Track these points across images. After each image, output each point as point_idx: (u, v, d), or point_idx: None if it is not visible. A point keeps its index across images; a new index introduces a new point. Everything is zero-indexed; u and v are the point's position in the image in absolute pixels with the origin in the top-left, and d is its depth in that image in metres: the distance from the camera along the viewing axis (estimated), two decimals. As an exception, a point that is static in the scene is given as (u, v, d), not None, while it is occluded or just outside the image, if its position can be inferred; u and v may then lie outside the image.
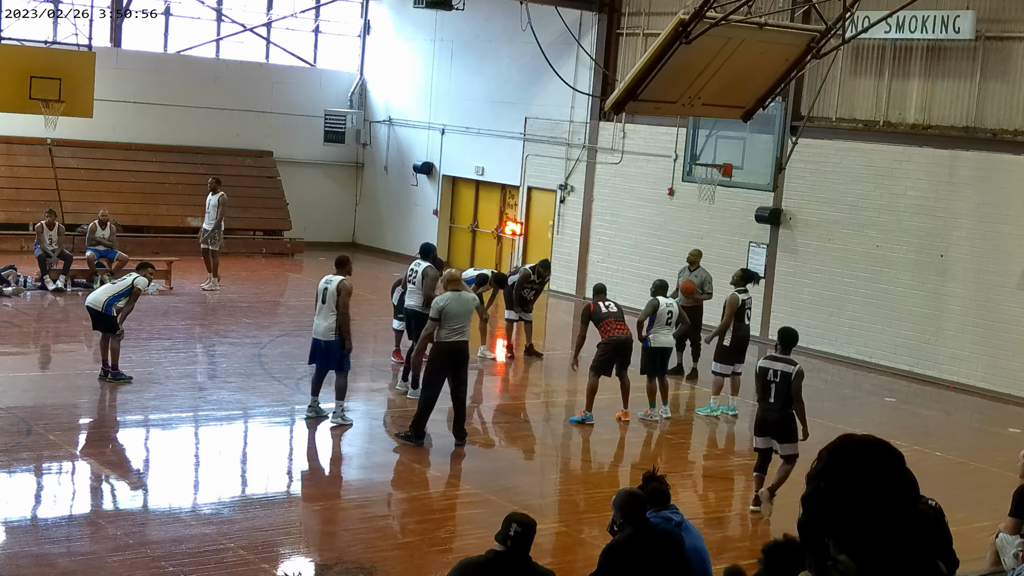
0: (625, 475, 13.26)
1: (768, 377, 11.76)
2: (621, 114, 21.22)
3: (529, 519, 6.98)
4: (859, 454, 2.80)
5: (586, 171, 24.48)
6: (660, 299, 15.36)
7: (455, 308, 13.11)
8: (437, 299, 13.30)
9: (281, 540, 10.61)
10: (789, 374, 11.69)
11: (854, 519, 2.72)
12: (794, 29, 12.95)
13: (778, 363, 11.81)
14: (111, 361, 15.06)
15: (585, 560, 10.02)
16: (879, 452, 2.80)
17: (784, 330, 12.29)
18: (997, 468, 13.74)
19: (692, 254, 18.15)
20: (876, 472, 2.76)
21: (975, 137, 18.65)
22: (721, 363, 15.75)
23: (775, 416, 11.76)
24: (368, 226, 30.03)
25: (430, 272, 15.60)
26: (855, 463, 2.77)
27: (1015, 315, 18.09)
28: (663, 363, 15.47)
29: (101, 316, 14.98)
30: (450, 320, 13.07)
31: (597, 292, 15.53)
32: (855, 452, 2.80)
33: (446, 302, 13.09)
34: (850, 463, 2.78)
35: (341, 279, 13.65)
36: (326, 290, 13.61)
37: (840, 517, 2.73)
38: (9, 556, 9.61)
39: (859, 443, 2.82)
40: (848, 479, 2.74)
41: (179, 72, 27.60)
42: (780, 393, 11.69)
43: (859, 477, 2.74)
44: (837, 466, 2.78)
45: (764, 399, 11.88)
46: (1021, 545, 9.17)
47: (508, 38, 24.97)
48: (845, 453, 2.80)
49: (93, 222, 22.15)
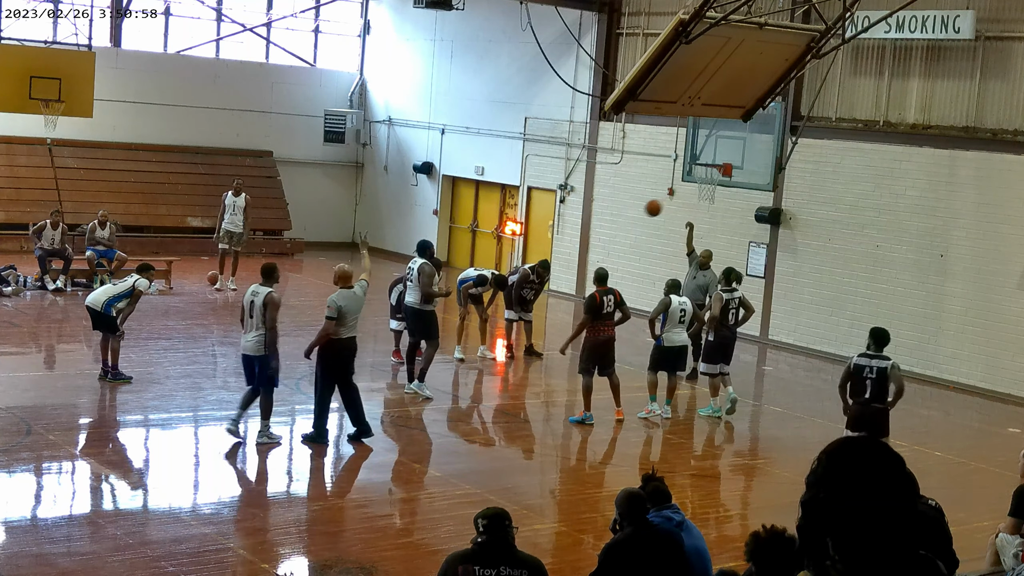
0: (626, 475, 13.25)
1: (864, 373, 12.40)
2: (621, 114, 21.22)
3: (493, 509, 7.08)
4: (857, 456, 2.80)
5: (586, 171, 24.48)
6: (673, 298, 15.39)
7: (348, 305, 13.04)
8: (333, 298, 13.09)
9: (281, 540, 10.62)
10: (885, 368, 12.40)
11: (853, 520, 2.72)
12: (794, 29, 12.95)
13: (874, 360, 12.46)
14: (111, 361, 15.07)
15: (585, 560, 10.03)
16: (877, 453, 2.80)
17: (876, 329, 12.85)
18: (997, 468, 13.74)
19: (703, 255, 17.83)
20: (874, 473, 2.76)
21: (975, 137, 18.65)
22: (707, 363, 15.77)
23: (872, 410, 12.40)
24: (368, 226, 29.98)
25: (426, 269, 15.53)
26: (853, 465, 2.77)
27: (1015, 315, 18.08)
28: (676, 361, 15.48)
29: (101, 316, 14.98)
30: (345, 317, 13.00)
31: (599, 279, 15.27)
32: (853, 454, 2.80)
33: (342, 301, 13.03)
34: (848, 465, 2.77)
35: (268, 291, 12.82)
36: (252, 303, 12.89)
37: (840, 519, 2.73)
38: (9, 556, 9.61)
39: (857, 445, 2.82)
40: (847, 481, 2.74)
41: (179, 72, 27.60)
42: (875, 388, 12.41)
43: (857, 479, 2.74)
44: (836, 469, 2.77)
45: (859, 395, 12.49)
46: (1021, 545, 9.17)
47: (508, 38, 24.97)
48: (843, 455, 2.80)
49: (93, 222, 22.15)
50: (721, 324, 15.69)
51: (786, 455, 14.44)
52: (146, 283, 15.28)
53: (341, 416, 14.87)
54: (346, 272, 13.34)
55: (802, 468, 2.90)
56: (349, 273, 13.34)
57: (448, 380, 16.90)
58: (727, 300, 15.72)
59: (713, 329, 15.71)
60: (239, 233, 22.75)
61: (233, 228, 22.70)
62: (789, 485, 11.75)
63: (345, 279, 13.23)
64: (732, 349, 15.96)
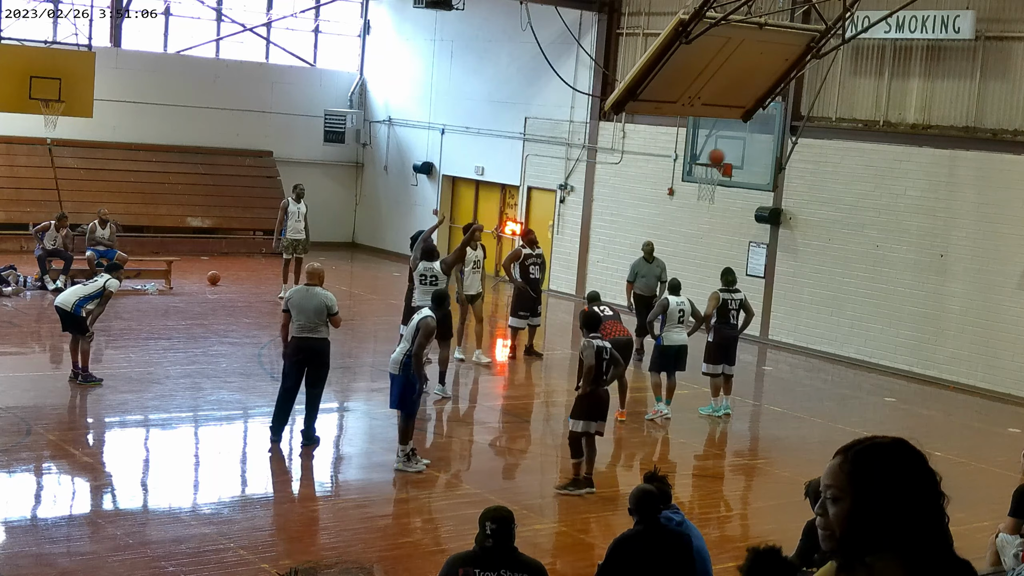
0: (626, 475, 13.26)
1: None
2: (621, 114, 21.21)
3: (503, 512, 6.98)
4: (885, 457, 2.80)
5: (586, 171, 24.48)
6: (671, 298, 15.40)
7: (298, 301, 12.83)
8: (289, 291, 13.08)
9: (281, 540, 10.61)
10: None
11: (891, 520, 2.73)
12: (794, 29, 12.95)
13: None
14: (81, 363, 14.85)
15: (585, 560, 10.03)
16: (904, 453, 2.80)
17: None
18: (997, 468, 13.74)
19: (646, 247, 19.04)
20: (905, 472, 2.77)
21: (975, 137, 18.64)
22: (710, 363, 15.73)
23: None
24: (368, 226, 30.03)
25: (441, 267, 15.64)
26: (883, 466, 2.77)
27: (1015, 315, 18.08)
28: (676, 361, 15.47)
29: (70, 317, 14.73)
30: (296, 314, 12.82)
31: (592, 300, 15.68)
32: (881, 455, 2.80)
33: (290, 295, 12.95)
34: (878, 467, 2.78)
35: (427, 316, 12.49)
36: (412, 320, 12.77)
37: (877, 520, 2.73)
38: (9, 556, 9.61)
39: (883, 446, 2.82)
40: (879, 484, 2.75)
41: (179, 72, 27.60)
42: None
43: (890, 479, 2.75)
44: (866, 471, 2.77)
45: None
46: (1021, 545, 9.18)
47: (508, 38, 24.97)
48: (870, 457, 2.79)
49: (93, 222, 22.15)
50: (722, 324, 15.66)
51: (786, 455, 14.44)
52: (116, 283, 15.01)
53: (341, 416, 14.89)
54: (311, 269, 13.22)
55: (802, 468, 2.91)
56: (313, 270, 13.18)
57: (448, 380, 16.88)
58: (725, 300, 15.70)
59: (713, 329, 15.69)
60: (303, 240, 22.05)
61: (298, 236, 21.95)
62: (789, 485, 11.75)
63: (307, 275, 13.14)
64: (735, 349, 15.94)
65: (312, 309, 12.78)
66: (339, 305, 13.27)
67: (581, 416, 12.13)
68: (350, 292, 23.54)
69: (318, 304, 12.80)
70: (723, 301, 15.64)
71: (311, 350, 12.85)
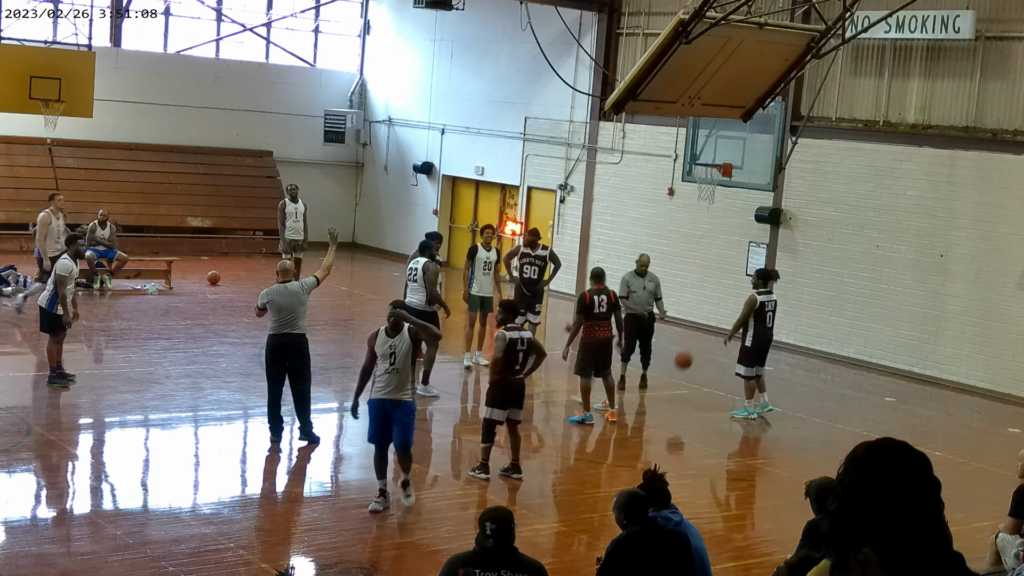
0: (626, 475, 13.25)
1: None
2: (621, 114, 21.22)
3: (503, 512, 6.99)
4: (885, 459, 2.81)
5: (586, 171, 24.49)
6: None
7: (278, 300, 12.87)
8: (265, 290, 13.09)
9: (281, 540, 10.62)
10: None
11: (889, 524, 2.74)
12: (794, 29, 12.95)
13: None
14: (50, 362, 14.80)
15: (585, 560, 10.03)
16: (904, 455, 2.82)
17: None
18: (997, 468, 13.73)
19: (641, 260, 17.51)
20: (903, 475, 2.78)
21: (975, 137, 18.64)
22: (744, 365, 15.61)
23: None
24: (368, 226, 30.03)
25: (430, 267, 15.46)
26: (882, 469, 2.79)
27: (1015, 315, 18.08)
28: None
29: (46, 315, 14.70)
30: (275, 312, 12.86)
31: (595, 278, 15.42)
32: (881, 457, 2.82)
33: (271, 295, 12.94)
34: (876, 469, 2.79)
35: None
36: None
37: (872, 519, 2.74)
38: (9, 556, 9.61)
39: (884, 448, 2.83)
40: (876, 484, 2.76)
41: (179, 72, 27.61)
42: None
43: (887, 482, 2.76)
44: (865, 473, 2.79)
45: None
46: (1021, 545, 9.18)
47: (508, 38, 24.98)
48: (871, 459, 2.81)
49: (93, 222, 22.16)
50: (760, 326, 15.53)
51: (786, 455, 14.45)
52: (64, 265, 14.81)
53: (341, 416, 14.88)
54: (283, 267, 13.29)
55: (802, 468, 2.92)
56: (286, 268, 13.28)
57: (448, 380, 16.88)
58: (762, 303, 15.49)
59: (749, 333, 15.46)
60: (301, 240, 22.07)
61: (296, 236, 22.00)
62: (789, 485, 11.75)
63: (281, 273, 13.15)
64: (767, 352, 15.85)
65: (292, 305, 12.91)
66: (339, 305, 13.27)
67: (494, 404, 12.36)
68: (350, 292, 23.53)
69: (297, 298, 12.96)
70: (760, 304, 15.50)
71: (292, 346, 12.96)
